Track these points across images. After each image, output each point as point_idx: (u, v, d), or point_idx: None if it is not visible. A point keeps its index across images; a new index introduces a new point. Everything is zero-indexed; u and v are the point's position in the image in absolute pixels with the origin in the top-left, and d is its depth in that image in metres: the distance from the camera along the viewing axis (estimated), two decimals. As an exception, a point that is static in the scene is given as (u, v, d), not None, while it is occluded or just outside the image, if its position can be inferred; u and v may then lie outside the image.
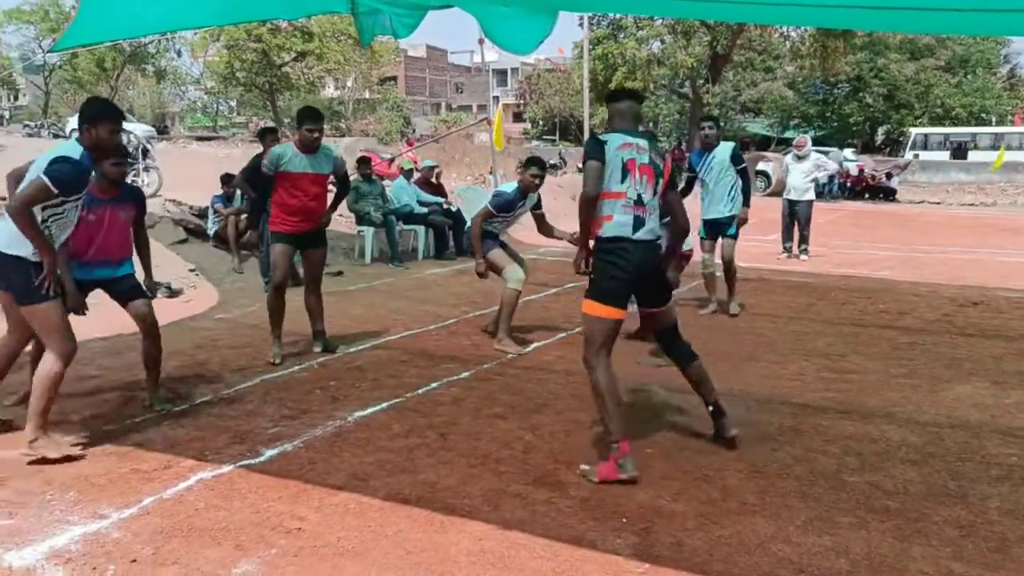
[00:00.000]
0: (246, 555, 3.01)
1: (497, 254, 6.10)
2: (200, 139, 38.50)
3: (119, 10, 5.59)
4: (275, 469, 3.79)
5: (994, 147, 31.93)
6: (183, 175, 14.89)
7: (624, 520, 3.31)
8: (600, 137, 3.78)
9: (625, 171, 3.73)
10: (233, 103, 57.07)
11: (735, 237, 7.16)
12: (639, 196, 3.74)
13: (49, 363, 3.81)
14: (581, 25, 22.07)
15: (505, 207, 6.03)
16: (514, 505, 3.43)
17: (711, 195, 7.09)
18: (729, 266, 7.18)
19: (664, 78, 27.55)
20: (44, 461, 3.74)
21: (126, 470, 3.76)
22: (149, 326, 4.60)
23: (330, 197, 5.83)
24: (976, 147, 32.40)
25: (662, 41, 25.42)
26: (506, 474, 3.75)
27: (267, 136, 7.86)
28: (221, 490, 3.55)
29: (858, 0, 4.09)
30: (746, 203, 7.02)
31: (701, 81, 26.37)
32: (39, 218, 3.73)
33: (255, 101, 47.79)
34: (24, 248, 3.74)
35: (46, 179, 3.66)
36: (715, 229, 7.19)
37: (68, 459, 3.78)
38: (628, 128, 3.85)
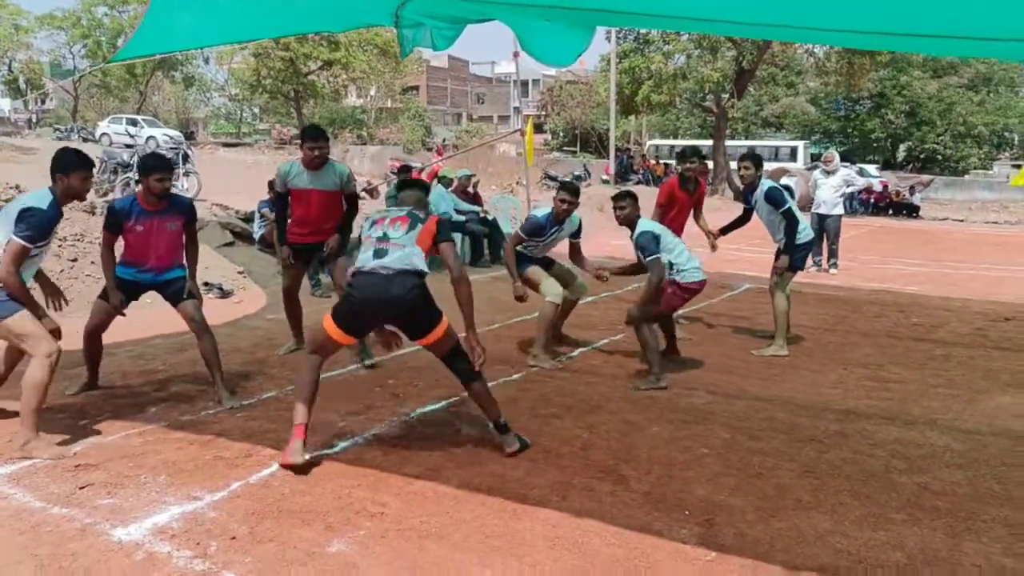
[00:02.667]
0: (337, 535, 3.22)
1: (533, 271, 6.04)
2: (226, 145, 39.09)
3: (179, 24, 5.86)
4: (351, 459, 4.00)
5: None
6: (215, 180, 15.25)
7: (687, 512, 3.49)
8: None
9: (373, 223, 4.16)
10: (256, 110, 57.75)
11: (779, 270, 6.44)
12: (384, 234, 4.06)
13: (35, 368, 3.94)
14: (609, 39, 22.31)
15: (535, 231, 5.97)
16: (581, 496, 3.63)
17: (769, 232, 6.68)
18: (771, 296, 6.55)
19: (689, 92, 27.72)
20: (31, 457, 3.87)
21: (210, 457, 3.99)
22: (198, 325, 4.88)
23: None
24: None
25: (688, 56, 25.63)
26: (569, 468, 3.95)
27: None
28: (304, 477, 3.77)
29: (884, 25, 4.28)
30: (785, 250, 6.40)
31: (726, 96, 26.51)
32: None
33: (279, 108, 48.39)
34: None
35: (21, 241, 3.95)
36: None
37: (60, 457, 3.89)
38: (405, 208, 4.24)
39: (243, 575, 2.91)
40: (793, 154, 33.50)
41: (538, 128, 54.21)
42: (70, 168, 4.13)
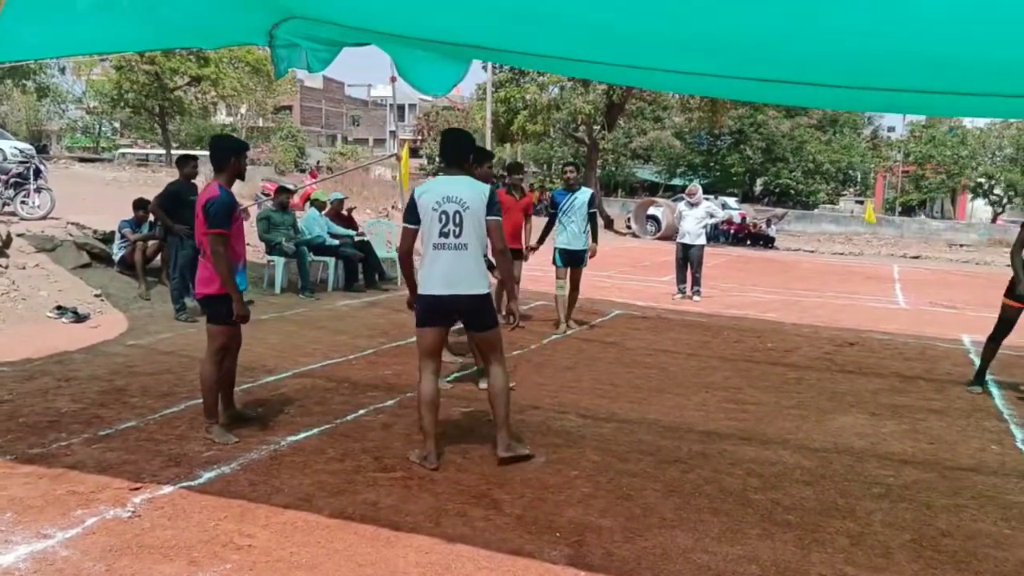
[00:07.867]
0: (201, 570, 3.10)
1: None
2: (83, 160, 36.83)
3: (36, 31, 5.58)
4: (216, 490, 3.87)
5: None
6: (71, 197, 14.36)
7: (557, 534, 3.58)
8: None
9: None
10: (116, 124, 54.93)
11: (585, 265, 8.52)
12: None
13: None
14: (485, 68, 22.66)
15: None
16: (454, 522, 3.65)
17: (567, 231, 8.29)
18: (577, 287, 8.54)
19: (562, 122, 28.47)
20: None
21: (62, 492, 3.77)
22: None
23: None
24: None
25: (562, 87, 26.36)
26: (443, 494, 3.96)
27: (186, 164, 7.83)
28: (165, 510, 3.62)
29: (741, 71, 4.62)
30: (594, 240, 8.44)
31: (597, 127, 27.40)
32: None
33: (142, 124, 46.21)
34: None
35: None
36: (570, 258, 8.34)
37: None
38: None
39: (98, 616, 2.76)
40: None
41: (414, 153, 54.24)
42: None
